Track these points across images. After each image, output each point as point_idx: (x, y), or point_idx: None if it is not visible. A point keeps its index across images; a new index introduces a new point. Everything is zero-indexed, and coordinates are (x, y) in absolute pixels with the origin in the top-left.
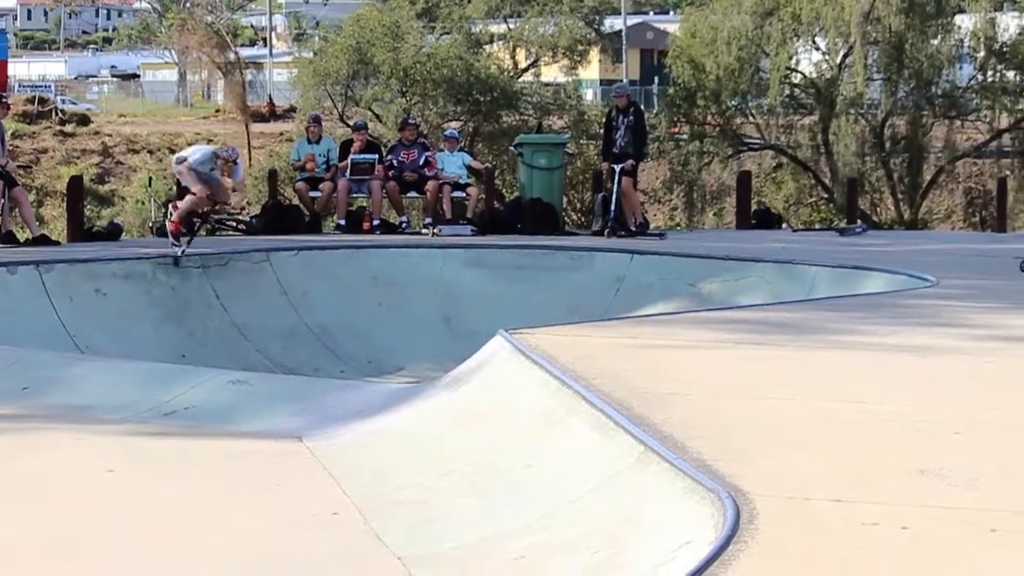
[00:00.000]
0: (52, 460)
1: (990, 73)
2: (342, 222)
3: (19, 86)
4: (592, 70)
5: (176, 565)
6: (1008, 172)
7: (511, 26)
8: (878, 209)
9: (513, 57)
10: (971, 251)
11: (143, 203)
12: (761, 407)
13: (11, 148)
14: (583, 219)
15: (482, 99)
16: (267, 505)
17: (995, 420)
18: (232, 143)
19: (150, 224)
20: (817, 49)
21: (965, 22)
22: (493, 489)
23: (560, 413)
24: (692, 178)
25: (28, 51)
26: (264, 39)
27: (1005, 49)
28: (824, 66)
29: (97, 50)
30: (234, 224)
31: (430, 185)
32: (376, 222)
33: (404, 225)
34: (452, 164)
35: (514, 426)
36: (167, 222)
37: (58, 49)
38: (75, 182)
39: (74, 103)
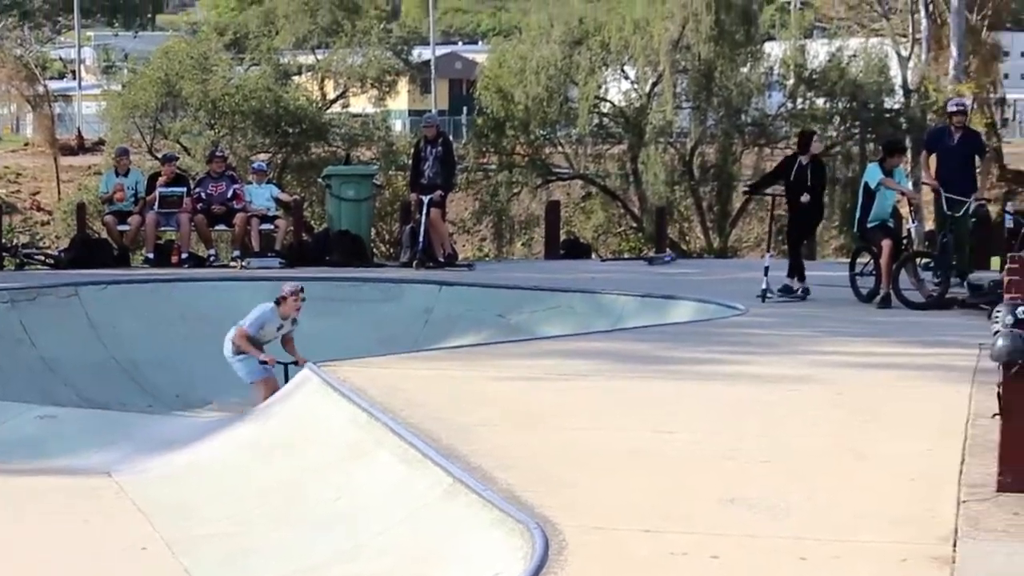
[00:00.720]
0: None
1: (800, 100)
2: (151, 256)
3: None
4: (401, 101)
5: None
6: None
7: (319, 57)
8: (687, 238)
9: (322, 88)
10: (780, 279)
11: None
12: (570, 437)
13: None
14: (392, 250)
15: (291, 131)
16: (75, 541)
17: (802, 448)
18: (41, 176)
19: None
20: (626, 78)
21: (775, 50)
22: (303, 521)
23: (369, 445)
24: (501, 208)
25: None
26: (73, 72)
27: (814, 76)
28: (633, 95)
29: None
30: (42, 258)
31: (238, 218)
32: (185, 255)
33: (212, 258)
34: (260, 196)
35: (323, 458)
36: None
37: None
38: None
39: None
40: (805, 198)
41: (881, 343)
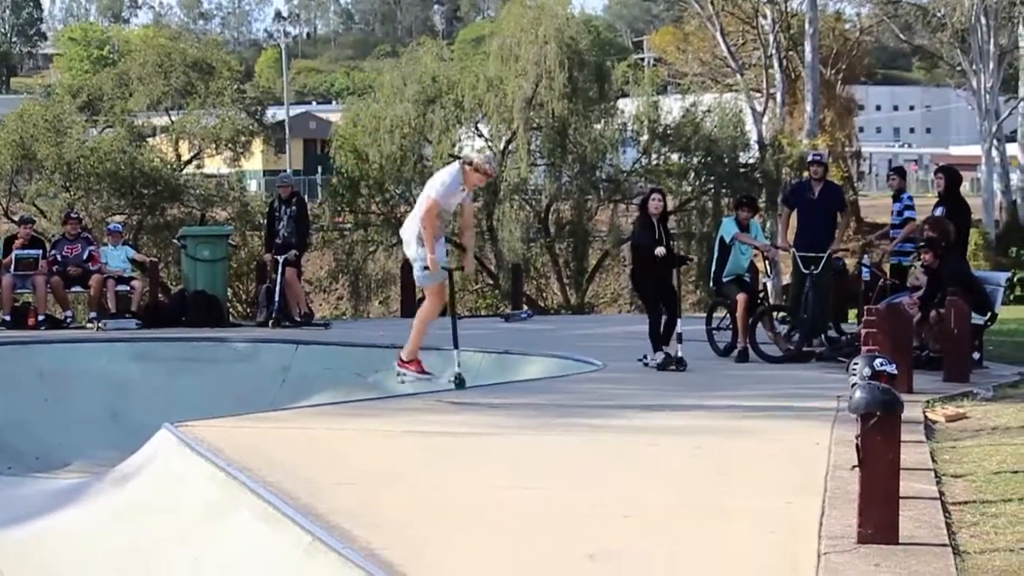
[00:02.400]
0: None
1: (654, 156)
2: (7, 317)
3: None
4: (255, 161)
5: None
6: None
7: (173, 119)
8: (544, 294)
9: (176, 149)
10: (638, 334)
11: None
12: (430, 494)
13: None
14: (248, 310)
15: (146, 192)
16: None
17: (663, 502)
18: None
19: None
20: (480, 136)
21: (628, 106)
22: None
23: (227, 505)
24: (357, 267)
25: None
26: None
27: (668, 132)
28: (488, 152)
29: None
30: None
31: (94, 279)
32: (41, 317)
33: (69, 320)
34: (116, 258)
35: (182, 519)
36: None
37: None
38: None
39: None
40: (660, 251)
41: (739, 397)
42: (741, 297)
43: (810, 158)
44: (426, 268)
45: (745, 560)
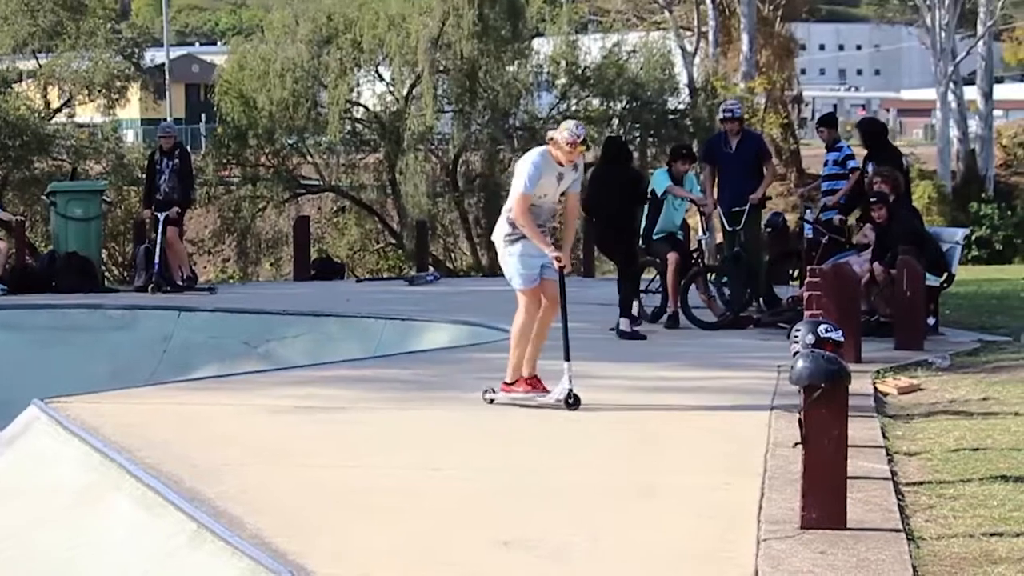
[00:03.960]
0: None
1: (573, 101)
2: None
3: None
4: (132, 109)
5: None
6: None
7: (41, 62)
8: (452, 254)
9: (45, 96)
10: None
11: None
12: (326, 476)
13: None
14: (125, 274)
15: (10, 144)
16: None
17: (585, 483)
18: None
19: None
20: (381, 80)
21: (544, 46)
22: (33, 575)
23: (104, 489)
24: (245, 226)
25: None
26: None
27: (589, 74)
28: (389, 98)
29: None
30: None
31: None
32: None
33: None
34: None
35: (55, 504)
36: None
37: None
38: None
39: None
40: None
41: (669, 367)
42: (672, 256)
43: (721, 114)
44: (521, 270)
45: (676, 547)
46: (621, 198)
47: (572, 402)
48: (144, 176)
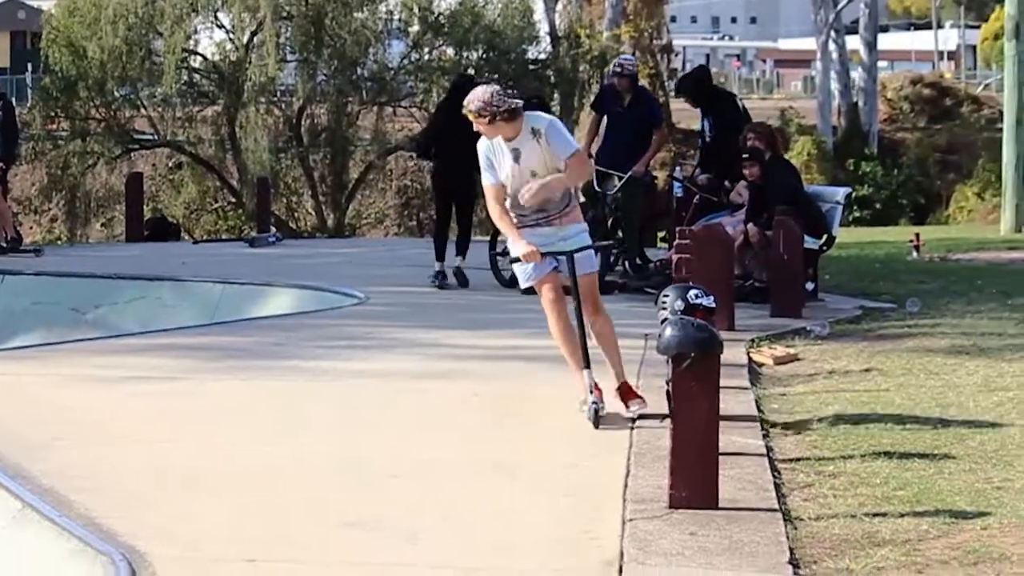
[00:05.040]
0: None
1: (426, 50)
2: None
3: None
4: None
5: None
6: None
7: None
8: (296, 214)
9: None
10: (406, 260)
11: None
12: (158, 451)
13: None
14: None
15: None
16: None
17: (434, 459)
18: None
19: None
20: (220, 27)
21: None
22: None
23: None
24: (74, 183)
25: None
26: None
27: (442, 21)
28: (229, 47)
29: None
30: None
31: None
32: None
33: None
34: None
35: None
36: None
37: None
38: None
39: None
40: None
41: (526, 335)
42: None
43: (614, 69)
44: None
45: (534, 528)
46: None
47: (595, 414)
48: None
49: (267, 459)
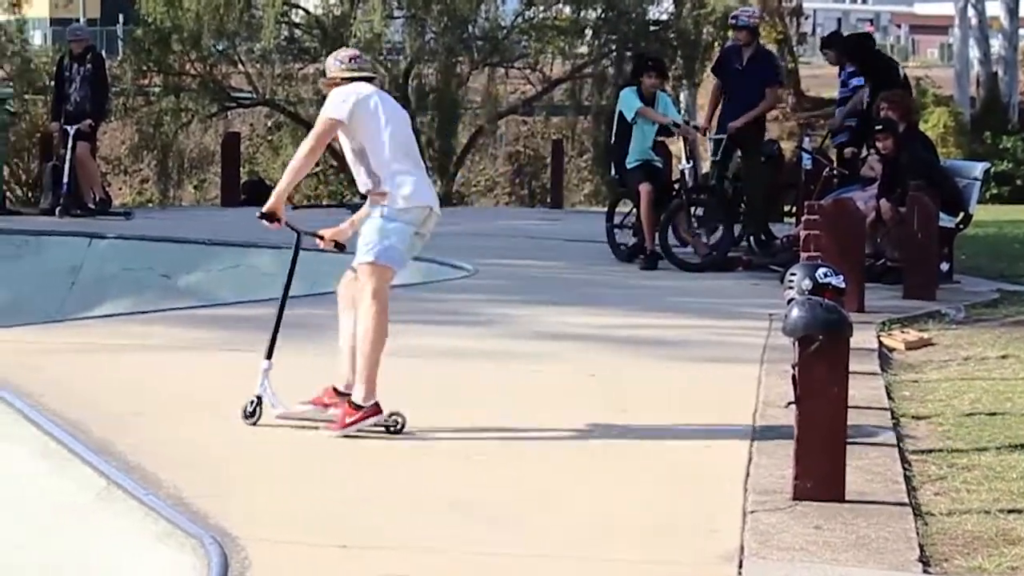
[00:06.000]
0: None
1: (540, 8)
2: None
3: None
4: (40, 7)
5: None
6: (564, 133)
7: None
8: None
9: None
10: (519, 231)
11: None
12: (250, 428)
13: None
14: (30, 194)
15: None
16: None
17: (546, 442)
18: None
19: None
20: None
21: None
22: None
23: (0, 437)
24: (166, 142)
25: None
26: None
27: None
28: (333, 1)
29: None
30: None
31: None
32: None
33: None
34: None
35: None
36: None
37: None
38: None
39: None
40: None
41: (645, 313)
42: (645, 188)
43: (732, 20)
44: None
45: (650, 518)
46: None
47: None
48: (52, 84)
49: (362, 440)
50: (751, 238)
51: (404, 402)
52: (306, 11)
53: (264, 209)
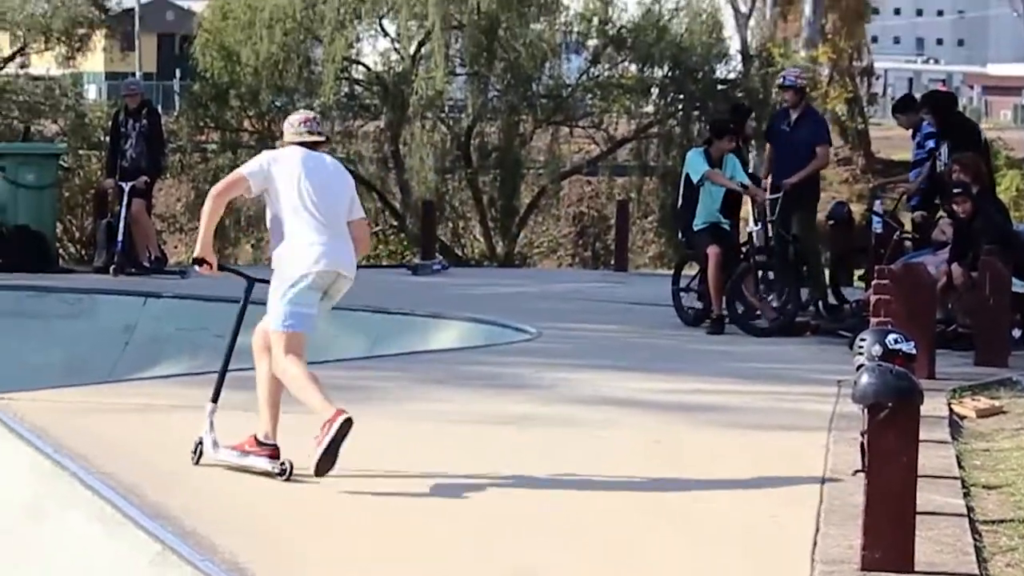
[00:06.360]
0: None
1: (606, 66)
2: None
3: None
4: (96, 61)
5: None
6: (629, 194)
7: None
8: (463, 240)
9: None
10: (582, 294)
11: None
12: (308, 492)
13: None
14: (83, 252)
15: None
16: None
17: (610, 510)
18: None
19: None
20: (385, 35)
21: (573, 1)
22: None
23: (54, 501)
24: None
25: None
26: None
27: (625, 35)
28: (394, 57)
29: None
30: None
31: None
32: None
33: None
34: None
35: None
36: None
37: None
38: None
39: None
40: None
41: (711, 379)
42: (713, 251)
43: (779, 81)
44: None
45: None
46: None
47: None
48: (107, 139)
49: (428, 503)
50: (819, 303)
51: (468, 467)
52: (367, 67)
53: (195, 255)
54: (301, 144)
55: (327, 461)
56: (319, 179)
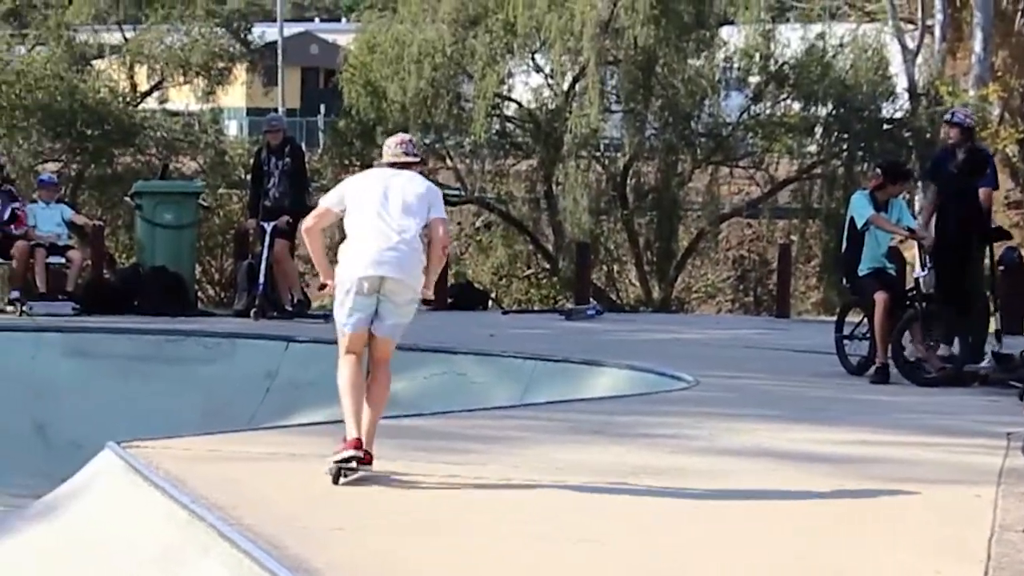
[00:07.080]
0: None
1: (767, 104)
2: None
3: None
4: (237, 95)
5: None
6: (791, 237)
7: (128, 36)
8: (618, 285)
9: (131, 77)
10: (741, 341)
11: None
12: (456, 546)
13: None
14: (223, 294)
15: (89, 132)
16: None
17: (771, 567)
18: None
19: None
20: (539, 71)
21: (734, 36)
22: None
23: (191, 552)
24: None
25: None
26: None
27: (787, 72)
28: (547, 93)
29: None
30: None
31: (18, 247)
32: None
33: None
34: (48, 219)
35: (131, 568)
36: None
37: None
38: None
39: None
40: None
41: (875, 430)
42: (880, 297)
43: (948, 116)
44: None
45: None
46: None
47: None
48: (249, 177)
49: (571, 560)
50: (990, 353)
51: (623, 522)
52: (519, 104)
53: (320, 282)
54: (391, 165)
55: (334, 475)
56: (380, 186)
